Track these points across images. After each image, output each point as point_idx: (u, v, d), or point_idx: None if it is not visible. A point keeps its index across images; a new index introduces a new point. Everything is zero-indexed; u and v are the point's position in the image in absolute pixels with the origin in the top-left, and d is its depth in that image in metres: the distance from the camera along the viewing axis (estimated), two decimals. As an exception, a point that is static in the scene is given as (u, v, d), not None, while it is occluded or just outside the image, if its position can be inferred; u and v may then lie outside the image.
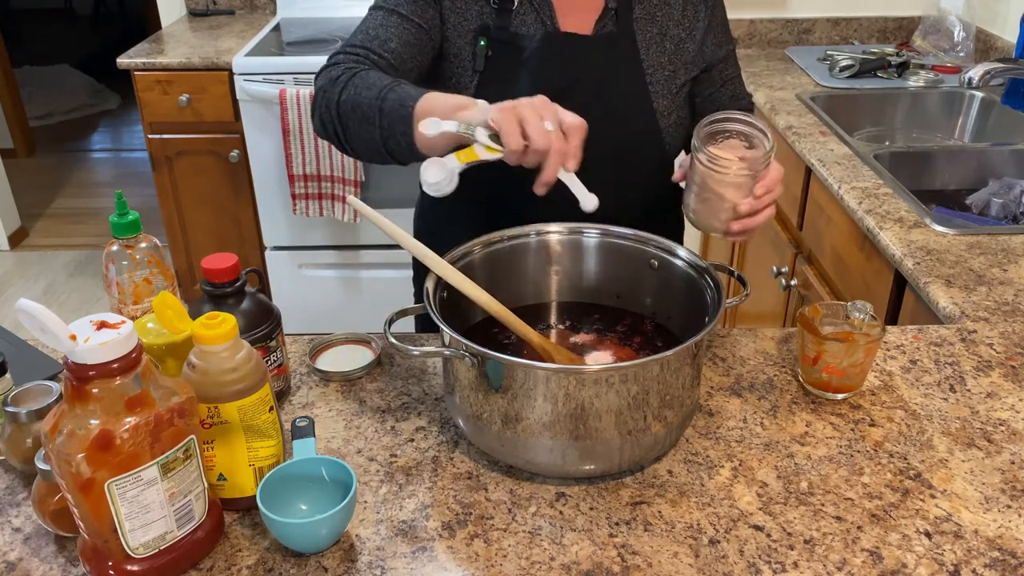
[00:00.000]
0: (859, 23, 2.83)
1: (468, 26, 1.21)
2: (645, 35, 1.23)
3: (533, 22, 1.21)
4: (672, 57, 1.24)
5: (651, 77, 1.23)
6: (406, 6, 1.18)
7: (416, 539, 0.86)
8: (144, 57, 2.63)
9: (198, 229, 2.90)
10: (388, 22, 1.18)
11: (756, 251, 2.38)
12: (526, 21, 1.21)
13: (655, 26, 1.23)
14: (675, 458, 0.97)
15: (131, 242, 1.02)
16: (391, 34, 1.17)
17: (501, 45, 1.20)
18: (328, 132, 1.14)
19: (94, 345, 0.72)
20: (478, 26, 1.20)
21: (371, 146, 1.10)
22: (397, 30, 1.17)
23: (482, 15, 1.20)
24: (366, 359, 1.13)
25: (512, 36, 1.20)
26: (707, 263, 1.03)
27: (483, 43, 1.19)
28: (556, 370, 0.88)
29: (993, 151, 1.94)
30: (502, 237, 1.10)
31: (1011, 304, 1.27)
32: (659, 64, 1.23)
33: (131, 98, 3.06)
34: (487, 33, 1.20)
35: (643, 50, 1.23)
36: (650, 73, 1.23)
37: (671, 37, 1.24)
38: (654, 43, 1.23)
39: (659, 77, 1.24)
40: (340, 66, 1.14)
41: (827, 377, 1.04)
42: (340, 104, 1.10)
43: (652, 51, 1.23)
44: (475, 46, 1.20)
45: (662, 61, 1.24)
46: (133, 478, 0.75)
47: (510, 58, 1.20)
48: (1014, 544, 0.85)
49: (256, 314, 0.98)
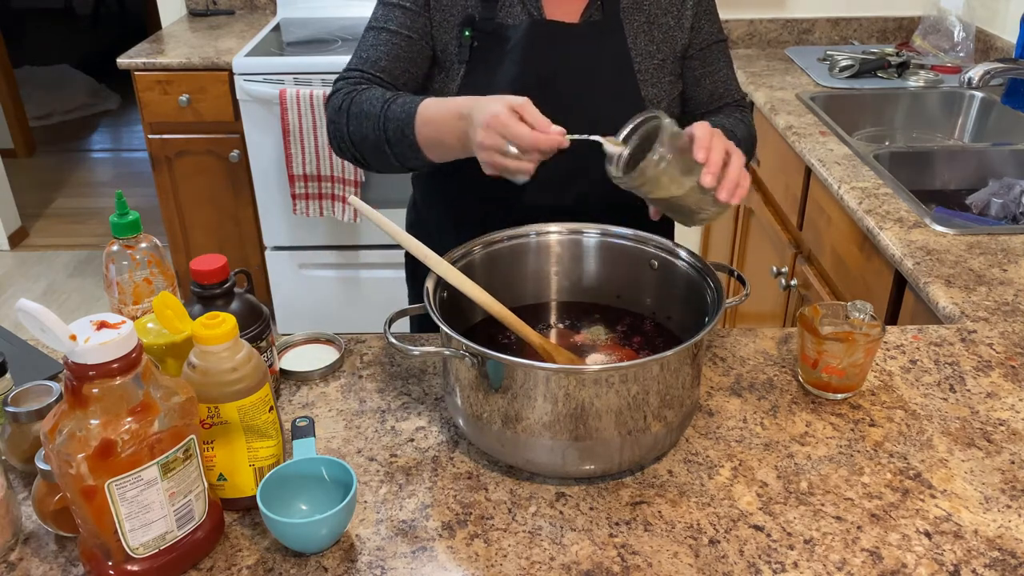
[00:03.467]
0: (859, 23, 2.83)
1: (454, 20, 1.22)
2: (632, 23, 1.23)
3: (519, 12, 1.21)
4: (661, 45, 1.24)
5: (639, 65, 1.23)
6: (395, 20, 1.22)
7: (416, 539, 0.86)
8: (144, 57, 2.63)
9: (198, 229, 2.90)
10: (378, 40, 1.22)
11: (756, 251, 2.38)
12: (512, 12, 1.21)
13: (642, 14, 1.23)
14: (675, 458, 0.97)
15: (131, 242, 1.02)
16: (381, 53, 1.22)
17: (486, 36, 1.21)
18: (351, 158, 1.22)
19: (94, 345, 0.72)
20: (464, 18, 1.21)
21: (394, 167, 1.18)
22: (387, 47, 1.21)
23: (468, 7, 1.21)
24: (331, 358, 1.12)
25: (497, 26, 1.21)
26: (707, 263, 1.03)
27: (468, 34, 1.21)
28: (556, 370, 0.88)
29: (993, 151, 1.94)
30: (502, 237, 1.10)
31: (1011, 304, 1.27)
32: (647, 52, 1.23)
33: (131, 98, 3.06)
34: (472, 24, 1.21)
35: (631, 38, 1.23)
36: (638, 61, 1.23)
37: (659, 25, 1.24)
38: (642, 31, 1.23)
39: (647, 66, 1.23)
40: (340, 93, 1.20)
41: (827, 377, 1.04)
42: (351, 136, 1.18)
43: (640, 39, 1.23)
44: (460, 38, 1.21)
45: (651, 49, 1.23)
46: (133, 478, 0.75)
47: (496, 48, 1.21)
48: (1014, 544, 0.85)
49: (245, 315, 0.98)
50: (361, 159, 1.20)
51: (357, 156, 1.20)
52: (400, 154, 1.14)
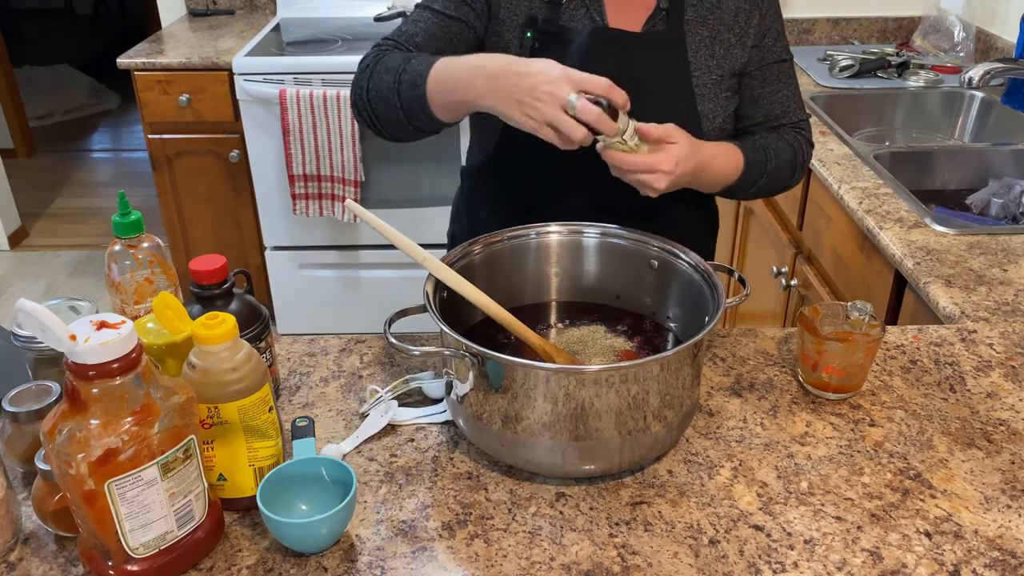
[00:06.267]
0: (859, 23, 2.83)
1: (517, 20, 1.20)
2: (695, 37, 1.21)
3: (582, 17, 1.20)
4: (721, 61, 1.22)
5: (697, 80, 1.21)
6: (440, 1, 1.21)
7: (416, 539, 0.86)
8: (144, 57, 2.64)
9: (198, 229, 2.90)
10: (420, 17, 1.22)
11: (756, 251, 2.38)
12: (575, 16, 1.20)
13: (706, 29, 1.21)
14: (675, 458, 0.97)
15: (133, 242, 1.02)
16: (419, 28, 1.20)
17: (548, 38, 1.20)
18: (364, 119, 1.19)
19: (94, 345, 0.72)
20: (526, 18, 1.20)
21: (400, 127, 1.15)
22: (426, 24, 1.20)
23: (531, 8, 1.20)
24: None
25: (560, 29, 1.20)
26: (707, 263, 1.03)
27: (529, 35, 1.20)
28: (556, 370, 0.88)
29: (993, 151, 1.94)
30: (502, 237, 1.10)
31: (1011, 304, 1.27)
32: (707, 67, 1.21)
33: (131, 98, 3.06)
34: (534, 26, 1.20)
35: (691, 52, 1.20)
36: (697, 76, 1.21)
37: (721, 41, 1.21)
38: (703, 46, 1.21)
39: (706, 80, 1.21)
40: (370, 56, 1.19)
41: (827, 377, 1.04)
42: (368, 91, 1.16)
43: (701, 54, 1.21)
44: (522, 38, 1.20)
45: (710, 65, 1.21)
46: (133, 478, 0.75)
47: (556, 51, 1.19)
48: (1014, 544, 0.85)
49: (245, 315, 0.97)
50: (373, 117, 1.17)
51: (370, 113, 1.17)
52: (408, 108, 1.11)
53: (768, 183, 1.24)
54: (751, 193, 1.25)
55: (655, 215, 1.20)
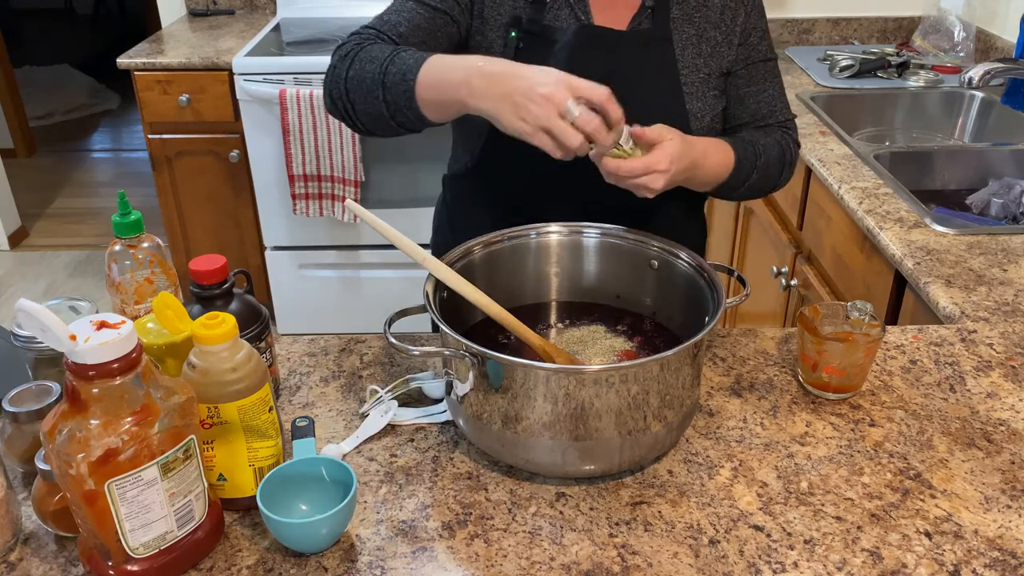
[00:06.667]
0: (859, 23, 2.83)
1: (501, 19, 1.19)
2: (681, 35, 1.20)
3: (567, 16, 1.19)
4: (708, 59, 1.21)
5: (685, 78, 1.20)
6: None
7: (416, 539, 0.86)
8: (144, 57, 2.64)
9: (198, 229, 2.90)
10: (404, 8, 1.18)
11: (756, 251, 2.38)
12: (560, 15, 1.19)
13: (692, 27, 1.21)
14: (675, 458, 0.97)
15: (134, 242, 1.02)
16: (402, 19, 1.17)
17: (532, 37, 1.19)
18: (338, 109, 1.14)
19: (94, 345, 0.72)
20: (511, 18, 1.19)
21: (379, 120, 1.10)
22: (410, 15, 1.17)
23: (516, 7, 1.19)
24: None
25: (544, 29, 1.19)
26: (707, 263, 1.03)
27: (513, 35, 1.18)
28: (556, 370, 0.88)
29: (993, 151, 1.94)
30: (502, 237, 1.10)
31: (1011, 304, 1.27)
32: (694, 66, 1.21)
33: (131, 98, 3.06)
34: (519, 25, 1.19)
35: (678, 50, 1.20)
36: (684, 74, 1.20)
37: (708, 39, 1.21)
38: (690, 44, 1.21)
39: (694, 79, 1.21)
40: (350, 43, 1.14)
41: (827, 377, 1.04)
42: (347, 80, 1.11)
43: (688, 52, 1.21)
44: (506, 38, 1.19)
45: (698, 63, 1.21)
46: (133, 478, 0.75)
47: (541, 50, 1.18)
48: (1014, 544, 0.85)
49: (245, 316, 0.97)
50: (349, 108, 1.12)
51: (347, 105, 1.12)
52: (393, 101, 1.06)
53: (759, 180, 1.23)
54: (742, 191, 1.24)
55: (645, 218, 1.18)
